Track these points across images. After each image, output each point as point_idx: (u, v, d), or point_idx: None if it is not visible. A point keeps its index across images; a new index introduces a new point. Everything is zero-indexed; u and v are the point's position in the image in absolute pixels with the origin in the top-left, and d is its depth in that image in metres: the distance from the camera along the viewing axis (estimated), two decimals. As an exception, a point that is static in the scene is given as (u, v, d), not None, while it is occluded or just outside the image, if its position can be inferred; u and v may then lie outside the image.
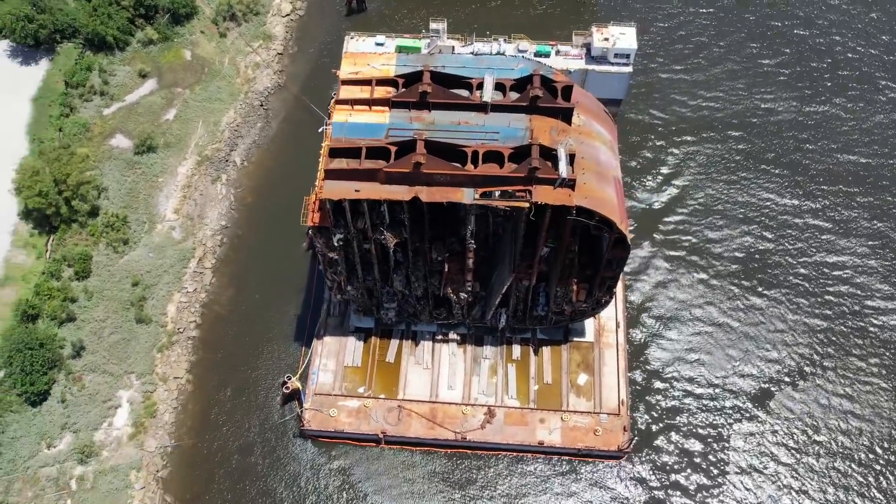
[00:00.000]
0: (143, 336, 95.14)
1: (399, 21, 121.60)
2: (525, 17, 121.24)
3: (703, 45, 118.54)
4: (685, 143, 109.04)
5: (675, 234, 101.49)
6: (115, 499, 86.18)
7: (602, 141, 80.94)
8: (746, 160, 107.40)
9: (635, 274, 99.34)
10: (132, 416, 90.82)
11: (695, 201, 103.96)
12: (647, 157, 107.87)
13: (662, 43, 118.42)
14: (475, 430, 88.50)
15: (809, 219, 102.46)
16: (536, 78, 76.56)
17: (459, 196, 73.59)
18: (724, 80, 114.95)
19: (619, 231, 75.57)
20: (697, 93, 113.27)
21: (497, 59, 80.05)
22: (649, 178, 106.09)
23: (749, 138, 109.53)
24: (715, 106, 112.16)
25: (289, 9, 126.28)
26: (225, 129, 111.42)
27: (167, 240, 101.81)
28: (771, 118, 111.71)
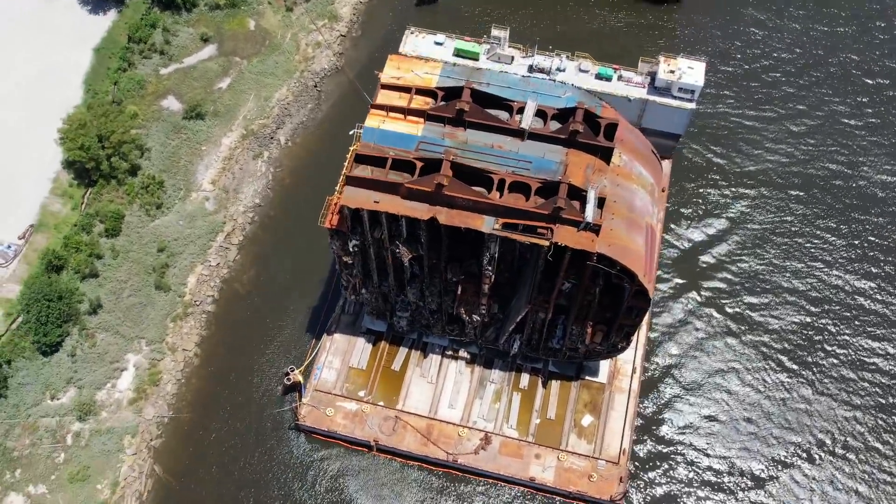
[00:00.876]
0: (160, 303, 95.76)
1: (468, 19, 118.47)
2: (598, 34, 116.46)
3: (780, 89, 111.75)
4: (742, 195, 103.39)
5: (714, 290, 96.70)
6: (105, 460, 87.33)
7: (642, 184, 76.92)
8: (804, 223, 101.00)
9: (663, 321, 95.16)
10: (136, 381, 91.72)
11: (741, 259, 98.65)
12: (698, 201, 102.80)
13: (737, 80, 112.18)
14: (468, 454, 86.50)
15: (860, 299, 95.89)
16: (580, 111, 73.04)
17: (479, 223, 70.91)
18: (796, 132, 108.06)
19: (640, 284, 71.89)
20: (764, 141, 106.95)
21: (545, 84, 76.48)
22: (697, 225, 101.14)
23: (811, 200, 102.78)
24: (780, 159, 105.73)
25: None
26: (275, 106, 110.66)
27: (199, 210, 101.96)
28: (838, 181, 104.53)
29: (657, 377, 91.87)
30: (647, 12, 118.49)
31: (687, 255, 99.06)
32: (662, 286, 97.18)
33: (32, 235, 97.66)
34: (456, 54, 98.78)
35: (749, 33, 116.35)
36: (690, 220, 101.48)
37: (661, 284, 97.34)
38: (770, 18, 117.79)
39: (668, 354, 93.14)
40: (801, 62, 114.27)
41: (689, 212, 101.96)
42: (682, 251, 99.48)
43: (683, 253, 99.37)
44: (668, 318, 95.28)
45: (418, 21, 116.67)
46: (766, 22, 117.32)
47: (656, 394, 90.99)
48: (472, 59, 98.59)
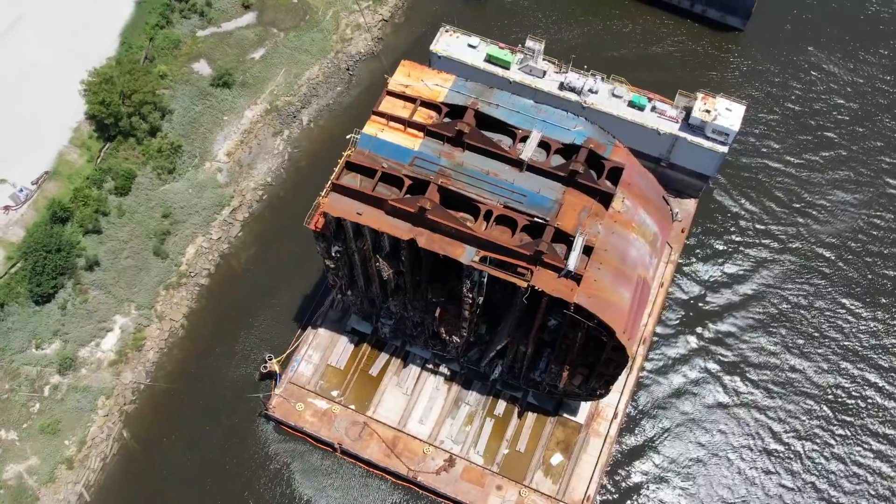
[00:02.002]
0: (155, 269, 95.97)
1: (513, 22, 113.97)
2: (647, 56, 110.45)
3: (828, 141, 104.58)
4: (765, 247, 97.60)
5: (716, 343, 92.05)
6: (77, 417, 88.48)
7: (642, 234, 72.85)
8: (827, 289, 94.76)
9: (656, 367, 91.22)
10: (119, 344, 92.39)
11: (751, 316, 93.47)
12: (718, 248, 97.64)
13: (785, 124, 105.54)
14: (429, 473, 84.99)
15: (870, 392, 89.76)
16: (584, 151, 69.40)
17: (459, 253, 68.26)
18: (838, 190, 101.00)
19: (618, 340, 68.40)
20: (801, 194, 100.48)
21: (555, 115, 72.66)
22: (711, 273, 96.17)
23: (840, 265, 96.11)
24: (816, 215, 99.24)
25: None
26: (304, 84, 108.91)
27: (210, 180, 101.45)
28: (873, 259, 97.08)
29: (639, 426, 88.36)
30: (705, 38, 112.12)
31: (695, 299, 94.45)
32: (663, 330, 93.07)
33: (45, 182, 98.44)
34: (487, 60, 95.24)
35: (809, 75, 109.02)
36: (705, 266, 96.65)
37: (661, 328, 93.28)
38: (835, 61, 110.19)
39: (654, 405, 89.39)
40: (860, 114, 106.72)
41: (705, 256, 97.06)
42: (690, 293, 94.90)
43: (691, 296, 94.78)
44: (661, 364, 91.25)
45: (463, 16, 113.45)
46: (829, 65, 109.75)
47: (634, 443, 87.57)
48: (503, 67, 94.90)
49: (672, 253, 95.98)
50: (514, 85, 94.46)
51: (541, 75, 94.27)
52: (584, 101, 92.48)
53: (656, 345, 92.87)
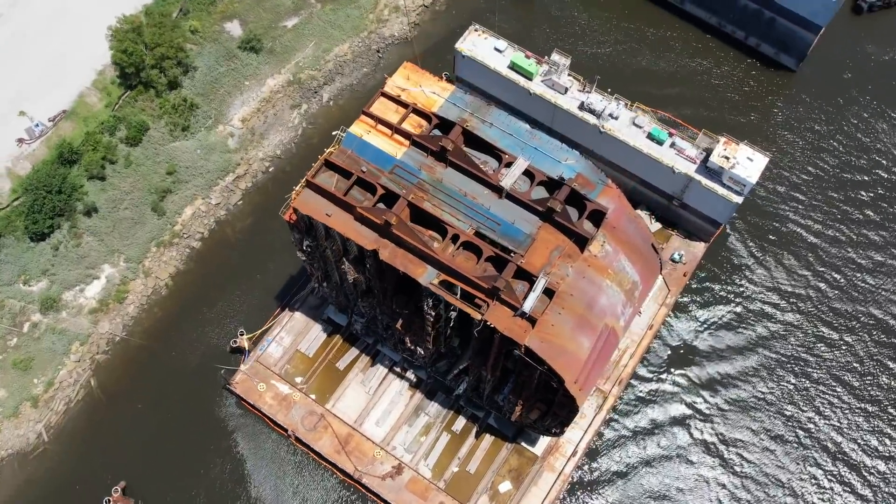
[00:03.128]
0: (151, 225, 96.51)
1: (555, 28, 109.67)
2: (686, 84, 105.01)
3: (860, 208, 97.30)
4: (769, 304, 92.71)
5: (695, 393, 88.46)
6: (50, 358, 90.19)
7: (618, 281, 69.60)
8: (822, 365, 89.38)
9: (628, 408, 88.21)
10: (102, 293, 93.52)
11: (738, 372, 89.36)
12: (720, 296, 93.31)
13: (818, 181, 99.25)
14: (375, 477, 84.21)
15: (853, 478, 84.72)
16: (566, 188, 66.32)
17: (419, 272, 66.27)
18: (860, 263, 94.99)
19: (567, 391, 65.81)
20: (819, 259, 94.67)
21: (549, 144, 69.57)
22: (707, 320, 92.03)
23: (840, 347, 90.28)
24: (830, 284, 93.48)
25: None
26: (331, 61, 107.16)
27: (220, 144, 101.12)
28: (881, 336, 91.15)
29: (597, 466, 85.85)
30: (753, 74, 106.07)
31: (677, 344, 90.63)
32: (644, 371, 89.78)
33: (62, 121, 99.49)
34: (511, 67, 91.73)
35: (855, 132, 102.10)
36: (702, 312, 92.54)
37: (643, 369, 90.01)
38: (889, 122, 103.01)
39: (617, 447, 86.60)
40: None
41: (704, 302, 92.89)
42: (675, 336, 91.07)
43: (674, 339, 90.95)
44: (635, 406, 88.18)
45: (506, 13, 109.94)
46: (881, 125, 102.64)
47: (589, 482, 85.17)
48: (525, 77, 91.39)
49: (669, 296, 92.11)
50: (533, 97, 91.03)
51: (562, 91, 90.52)
52: (601, 126, 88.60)
53: (634, 386, 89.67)
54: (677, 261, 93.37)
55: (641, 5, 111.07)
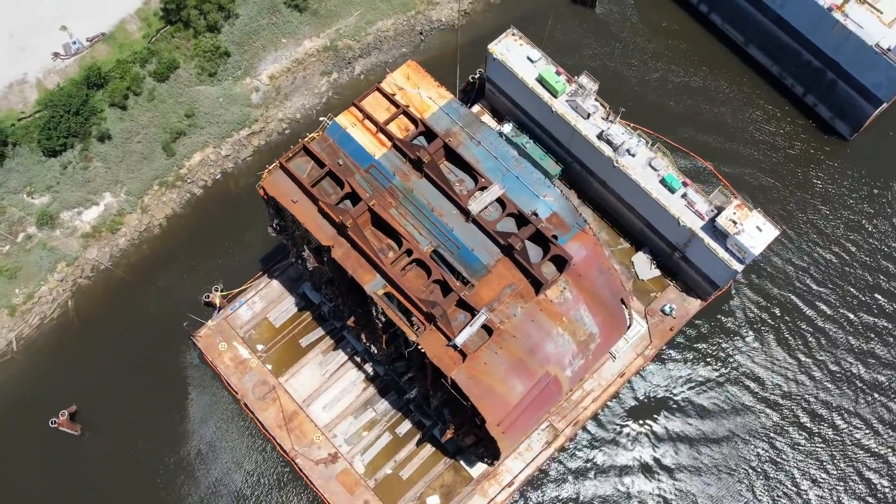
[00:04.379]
0: (158, 163, 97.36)
1: (607, 44, 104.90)
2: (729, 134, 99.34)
3: (874, 308, 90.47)
4: (751, 380, 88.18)
5: (651, 445, 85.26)
6: (35, 271, 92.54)
7: (572, 331, 67.00)
8: (789, 458, 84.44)
9: (578, 450, 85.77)
10: (98, 220, 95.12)
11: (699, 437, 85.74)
12: (698, 357, 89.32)
13: (836, 267, 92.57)
14: (309, 460, 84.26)
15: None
16: (531, 227, 63.68)
17: (366, 279, 65.05)
18: (857, 363, 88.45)
19: (487, 432, 63.98)
20: (812, 354, 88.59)
21: (532, 177, 67.14)
22: (677, 378, 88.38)
23: (817, 441, 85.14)
24: (818, 377, 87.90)
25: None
26: (372, 34, 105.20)
27: (243, 97, 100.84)
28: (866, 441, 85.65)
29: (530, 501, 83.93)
30: (803, 137, 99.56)
31: (648, 401, 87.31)
32: (605, 416, 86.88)
33: (98, 43, 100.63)
34: (538, 80, 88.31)
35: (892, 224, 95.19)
36: (679, 372, 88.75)
37: (605, 415, 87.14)
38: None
39: (555, 489, 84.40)
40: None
41: (685, 360, 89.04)
42: (647, 393, 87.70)
43: (647, 396, 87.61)
44: (584, 448, 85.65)
45: (561, 17, 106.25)
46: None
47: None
48: (551, 92, 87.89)
49: (650, 347, 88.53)
50: (554, 115, 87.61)
51: (585, 116, 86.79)
52: (615, 160, 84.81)
53: (590, 430, 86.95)
54: (668, 313, 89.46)
55: (704, 39, 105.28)
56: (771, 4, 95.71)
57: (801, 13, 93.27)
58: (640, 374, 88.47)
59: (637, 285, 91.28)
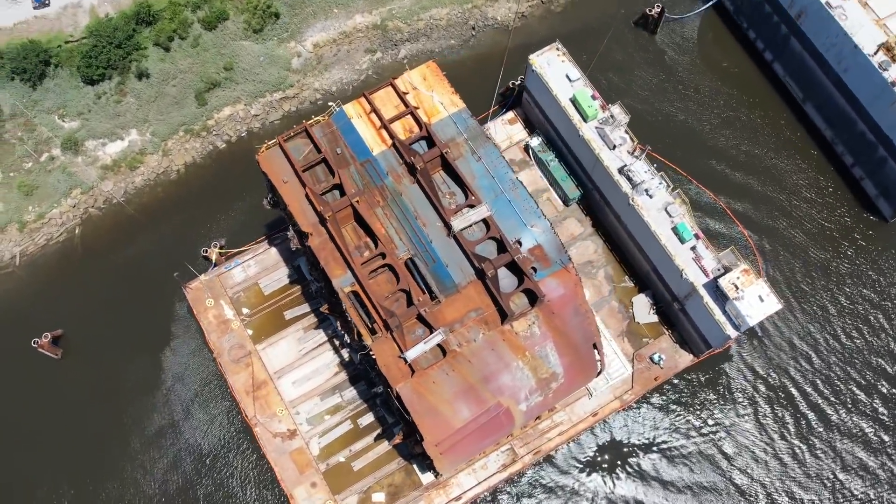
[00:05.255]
0: (187, 111, 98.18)
1: (662, 75, 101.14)
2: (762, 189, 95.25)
3: (868, 410, 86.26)
4: (728, 445, 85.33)
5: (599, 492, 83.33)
6: (51, 193, 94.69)
7: (534, 367, 65.49)
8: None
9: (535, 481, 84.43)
10: (120, 155, 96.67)
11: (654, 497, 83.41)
12: (677, 413, 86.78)
13: (844, 354, 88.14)
14: (267, 431, 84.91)
15: None
16: (506, 256, 62.13)
17: (336, 273, 64.66)
18: (843, 455, 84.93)
19: (424, 449, 63.20)
20: (804, 430, 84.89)
21: (524, 204, 65.41)
22: (650, 430, 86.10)
23: None
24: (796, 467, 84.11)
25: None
26: (423, 20, 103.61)
27: (284, 60, 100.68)
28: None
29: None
30: (841, 210, 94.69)
31: (617, 445, 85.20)
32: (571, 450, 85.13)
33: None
34: (572, 100, 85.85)
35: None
36: (654, 425, 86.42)
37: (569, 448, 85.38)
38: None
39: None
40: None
41: (661, 415, 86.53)
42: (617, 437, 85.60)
43: (616, 441, 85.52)
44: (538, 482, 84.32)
45: (622, 40, 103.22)
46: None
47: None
48: (581, 116, 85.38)
49: (630, 393, 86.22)
50: (580, 139, 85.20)
51: (610, 146, 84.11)
52: (631, 198, 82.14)
53: (553, 459, 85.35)
54: (656, 362, 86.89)
55: (762, 87, 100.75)
56: (835, 66, 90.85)
57: (863, 82, 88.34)
58: (612, 420, 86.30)
59: (632, 327, 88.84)
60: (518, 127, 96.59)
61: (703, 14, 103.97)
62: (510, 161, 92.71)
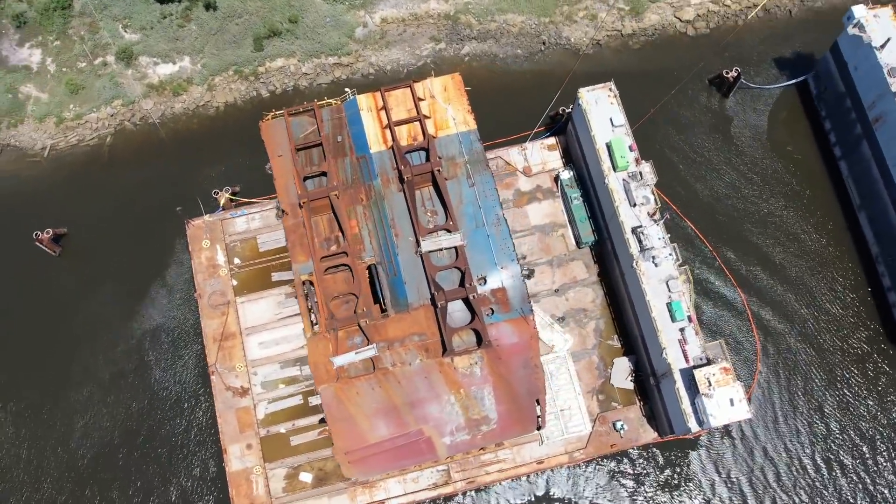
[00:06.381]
0: (242, 52, 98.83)
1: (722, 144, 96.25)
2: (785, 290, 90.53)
3: None
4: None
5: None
6: (94, 97, 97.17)
7: (465, 406, 64.22)
8: None
9: None
10: (168, 78, 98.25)
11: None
12: (624, 487, 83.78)
13: (815, 485, 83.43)
14: (220, 382, 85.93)
15: None
16: (461, 291, 60.53)
17: (299, 259, 64.77)
18: None
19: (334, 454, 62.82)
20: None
21: (502, 243, 63.37)
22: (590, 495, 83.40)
23: None
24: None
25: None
26: (496, 22, 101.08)
27: (349, 27, 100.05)
28: None
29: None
30: (866, 334, 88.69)
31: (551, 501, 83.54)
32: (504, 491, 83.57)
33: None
34: (607, 145, 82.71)
35: None
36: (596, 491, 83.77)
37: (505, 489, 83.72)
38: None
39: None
40: None
41: (608, 482, 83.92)
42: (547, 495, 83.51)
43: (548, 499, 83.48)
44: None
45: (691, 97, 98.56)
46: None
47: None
48: (612, 163, 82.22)
49: (581, 451, 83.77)
50: (604, 187, 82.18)
51: (631, 203, 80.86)
52: (636, 261, 78.98)
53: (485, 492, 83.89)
54: (618, 429, 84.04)
55: (820, 181, 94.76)
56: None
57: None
58: (556, 473, 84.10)
59: (605, 387, 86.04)
60: (555, 155, 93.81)
61: (783, 90, 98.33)
62: (537, 187, 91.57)
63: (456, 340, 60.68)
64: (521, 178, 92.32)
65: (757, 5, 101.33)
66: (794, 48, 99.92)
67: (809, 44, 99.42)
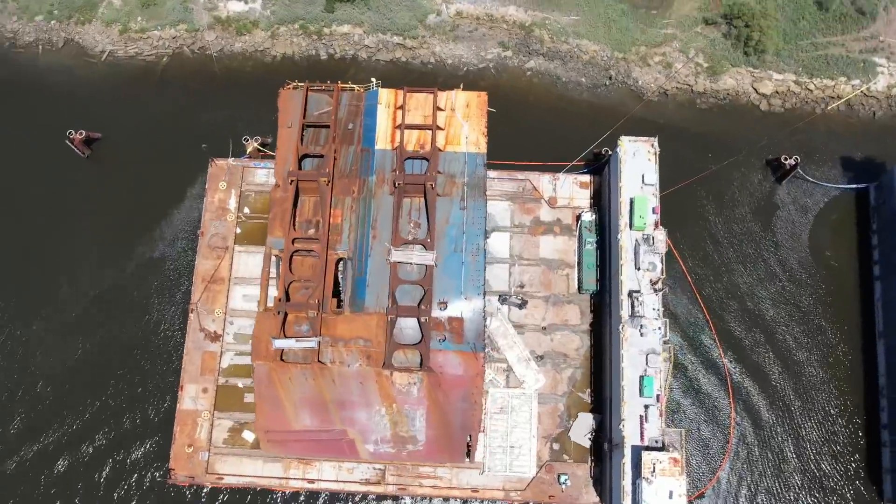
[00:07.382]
0: (313, 10, 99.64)
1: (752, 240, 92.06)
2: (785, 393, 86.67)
3: None
4: None
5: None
6: (162, 15, 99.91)
7: (395, 421, 64.09)
8: None
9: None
10: (235, 16, 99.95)
11: None
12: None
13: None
14: (196, 323, 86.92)
15: None
16: (414, 310, 59.68)
17: (276, 234, 65.90)
18: None
19: (253, 429, 63.21)
20: None
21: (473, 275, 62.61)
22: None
23: None
24: None
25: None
26: (570, 45, 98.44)
27: (422, 12, 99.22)
28: None
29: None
30: (847, 468, 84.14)
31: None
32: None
33: None
34: (630, 199, 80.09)
35: None
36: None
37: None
38: None
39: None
40: None
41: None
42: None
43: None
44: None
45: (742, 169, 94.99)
46: None
47: None
48: (630, 219, 79.61)
49: (517, 494, 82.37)
50: (615, 247, 79.91)
51: (636, 266, 78.28)
52: (622, 325, 76.66)
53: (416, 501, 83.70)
54: (560, 482, 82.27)
55: (850, 297, 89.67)
56: (923, 322, 79.85)
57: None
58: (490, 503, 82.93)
59: (562, 437, 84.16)
60: (585, 194, 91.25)
61: (841, 192, 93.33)
62: (557, 220, 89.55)
63: (400, 357, 59.92)
64: (543, 207, 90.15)
65: (842, 97, 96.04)
66: (865, 152, 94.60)
67: (883, 152, 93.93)
